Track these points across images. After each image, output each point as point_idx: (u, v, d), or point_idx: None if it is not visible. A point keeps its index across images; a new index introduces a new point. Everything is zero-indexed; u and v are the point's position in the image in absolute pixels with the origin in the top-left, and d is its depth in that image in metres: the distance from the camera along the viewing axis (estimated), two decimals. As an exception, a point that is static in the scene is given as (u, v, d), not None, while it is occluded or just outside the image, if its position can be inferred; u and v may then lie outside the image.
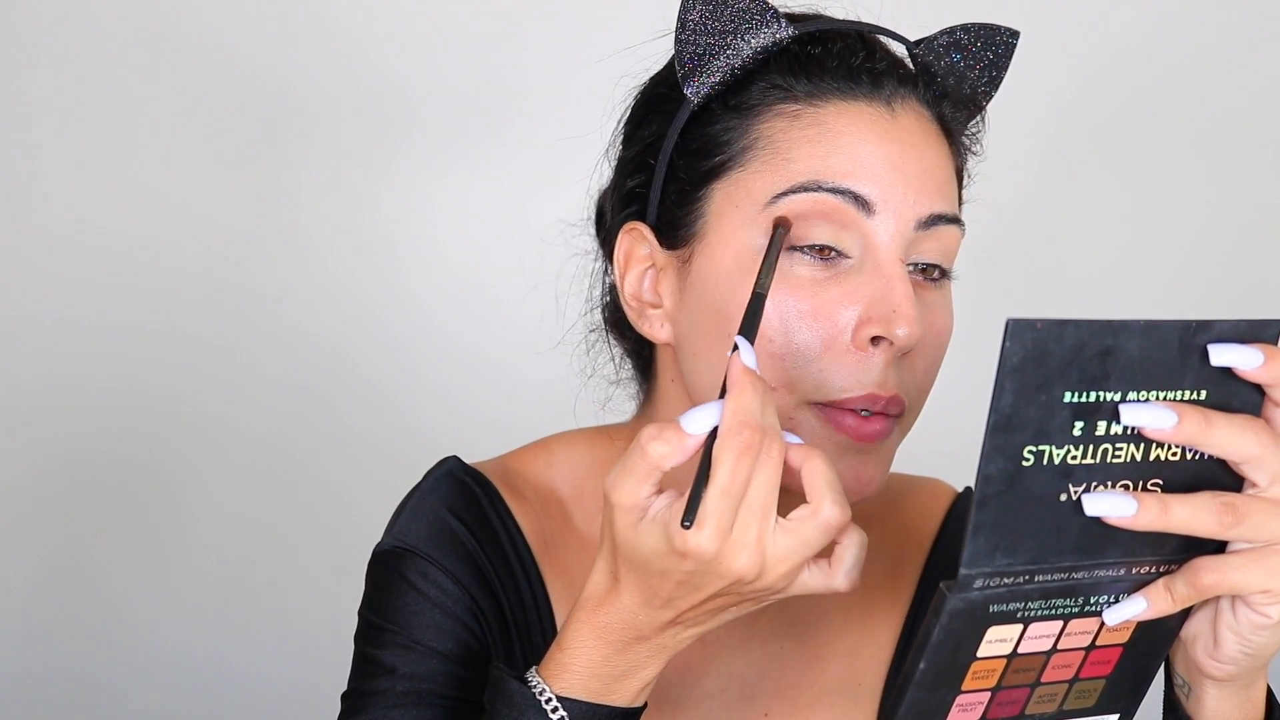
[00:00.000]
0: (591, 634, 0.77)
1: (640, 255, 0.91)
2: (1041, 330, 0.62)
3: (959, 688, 0.71)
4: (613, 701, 0.78)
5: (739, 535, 0.70)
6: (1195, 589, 0.69)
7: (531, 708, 0.77)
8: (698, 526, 0.69)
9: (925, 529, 1.03)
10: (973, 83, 0.90)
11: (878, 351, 0.82)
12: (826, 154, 0.83)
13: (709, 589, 0.72)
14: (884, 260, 0.83)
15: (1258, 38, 2.09)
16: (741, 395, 0.70)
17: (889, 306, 0.82)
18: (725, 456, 0.69)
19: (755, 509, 0.70)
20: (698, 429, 0.71)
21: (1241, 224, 2.11)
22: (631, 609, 0.75)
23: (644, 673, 0.78)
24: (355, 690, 0.93)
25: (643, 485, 0.71)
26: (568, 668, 0.77)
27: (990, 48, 0.90)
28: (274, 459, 2.04)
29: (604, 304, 0.99)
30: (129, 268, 2.00)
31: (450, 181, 2.03)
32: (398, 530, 0.96)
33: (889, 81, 0.86)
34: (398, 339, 2.04)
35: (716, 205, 0.86)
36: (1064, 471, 0.65)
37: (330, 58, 2.00)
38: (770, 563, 0.71)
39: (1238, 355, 0.66)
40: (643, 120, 0.92)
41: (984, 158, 0.94)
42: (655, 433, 0.71)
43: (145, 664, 2.03)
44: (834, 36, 0.87)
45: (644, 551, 0.72)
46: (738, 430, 0.70)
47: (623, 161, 0.94)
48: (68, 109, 1.99)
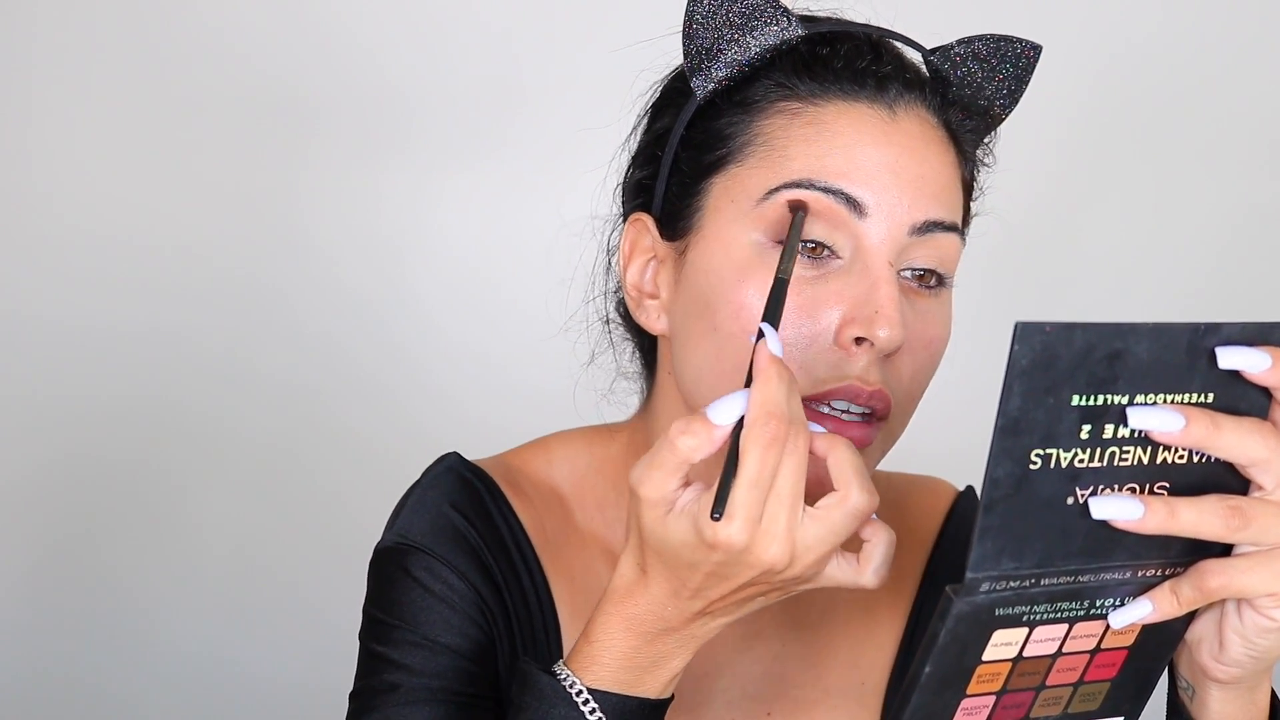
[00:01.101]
0: (620, 626, 0.77)
1: (644, 246, 0.91)
2: (1050, 333, 0.62)
3: (964, 691, 0.71)
4: (642, 693, 0.78)
5: (768, 525, 0.70)
6: (1201, 592, 0.69)
7: (562, 700, 0.77)
8: (727, 518, 0.70)
9: (927, 528, 1.03)
10: (990, 95, 0.89)
11: (860, 351, 0.82)
12: (822, 153, 0.83)
13: (739, 579, 0.73)
14: (872, 262, 0.83)
15: (1265, 45, 2.09)
16: (768, 385, 0.70)
17: (871, 307, 0.82)
18: (753, 447, 0.69)
19: (784, 498, 0.70)
20: (725, 419, 0.71)
21: (1250, 232, 2.12)
22: (660, 600, 0.75)
23: (673, 663, 0.78)
24: (364, 688, 0.92)
25: (671, 479, 0.72)
26: (597, 660, 0.77)
27: (1009, 61, 0.88)
28: (275, 459, 2.04)
29: (617, 295, 0.99)
30: (130, 269, 2.00)
31: (451, 181, 2.03)
32: (400, 526, 0.96)
33: (894, 85, 0.85)
34: (399, 339, 2.04)
35: (714, 200, 0.86)
36: (1071, 475, 0.65)
37: (330, 56, 1.99)
38: (800, 551, 0.72)
39: (1246, 358, 0.66)
40: (658, 114, 0.93)
41: (994, 168, 0.93)
42: (683, 426, 0.71)
43: (147, 665, 2.03)
44: (843, 38, 0.87)
45: (673, 544, 0.72)
46: (765, 420, 0.70)
47: (635, 154, 0.95)
48: (67, 111, 1.98)
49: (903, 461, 0.98)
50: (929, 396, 0.89)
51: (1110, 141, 2.09)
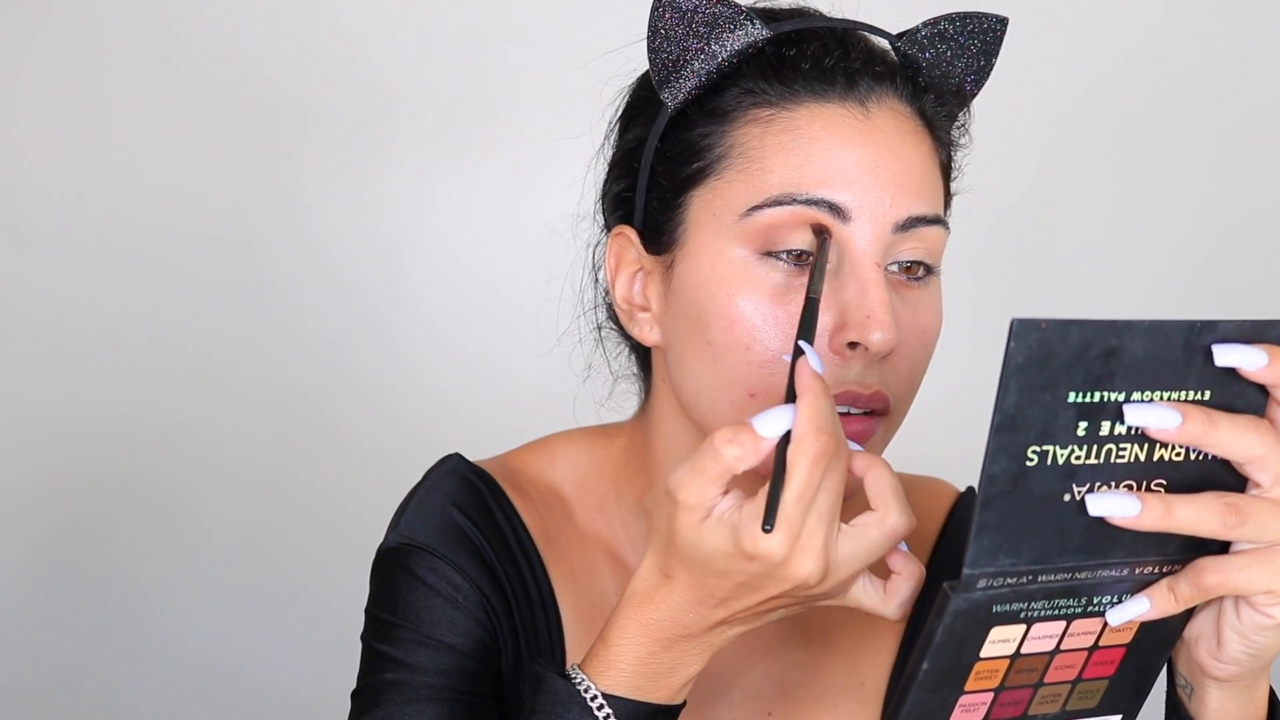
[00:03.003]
0: (638, 631, 0.76)
1: (629, 259, 0.91)
2: (1046, 330, 0.62)
3: (962, 688, 0.71)
4: (656, 699, 0.78)
5: (806, 540, 0.70)
6: (1199, 589, 0.69)
7: (576, 704, 0.77)
8: (774, 530, 0.69)
9: (928, 529, 1.03)
10: (959, 74, 0.88)
11: (855, 355, 0.82)
12: (800, 162, 0.83)
13: (770, 591, 0.72)
14: (860, 266, 0.82)
15: (1264, 45, 2.10)
16: (817, 400, 0.70)
17: (863, 312, 0.81)
18: (801, 461, 0.69)
19: (824, 514, 0.70)
20: (772, 432, 0.70)
21: (1245, 232, 2.12)
22: (682, 607, 0.75)
23: (688, 670, 0.78)
24: (367, 687, 0.92)
25: (713, 486, 0.71)
26: (613, 664, 0.77)
27: (976, 36, 0.88)
28: (276, 462, 2.04)
29: (606, 301, 0.99)
30: (130, 269, 2.00)
31: (450, 181, 2.03)
32: (403, 527, 0.96)
33: (864, 80, 0.85)
34: (400, 342, 2.04)
35: (695, 213, 0.86)
36: (1068, 471, 0.65)
37: (323, 57, 2.00)
38: (833, 568, 0.71)
39: (1242, 356, 0.66)
40: (629, 123, 0.92)
41: (973, 154, 0.93)
42: (730, 435, 0.70)
43: (148, 667, 2.03)
44: (809, 36, 0.86)
45: (706, 551, 0.72)
46: (814, 436, 0.69)
47: (611, 165, 0.94)
48: (64, 112, 1.99)
49: (903, 462, 0.98)
50: (929, 397, 0.89)
51: (1106, 140, 2.09)
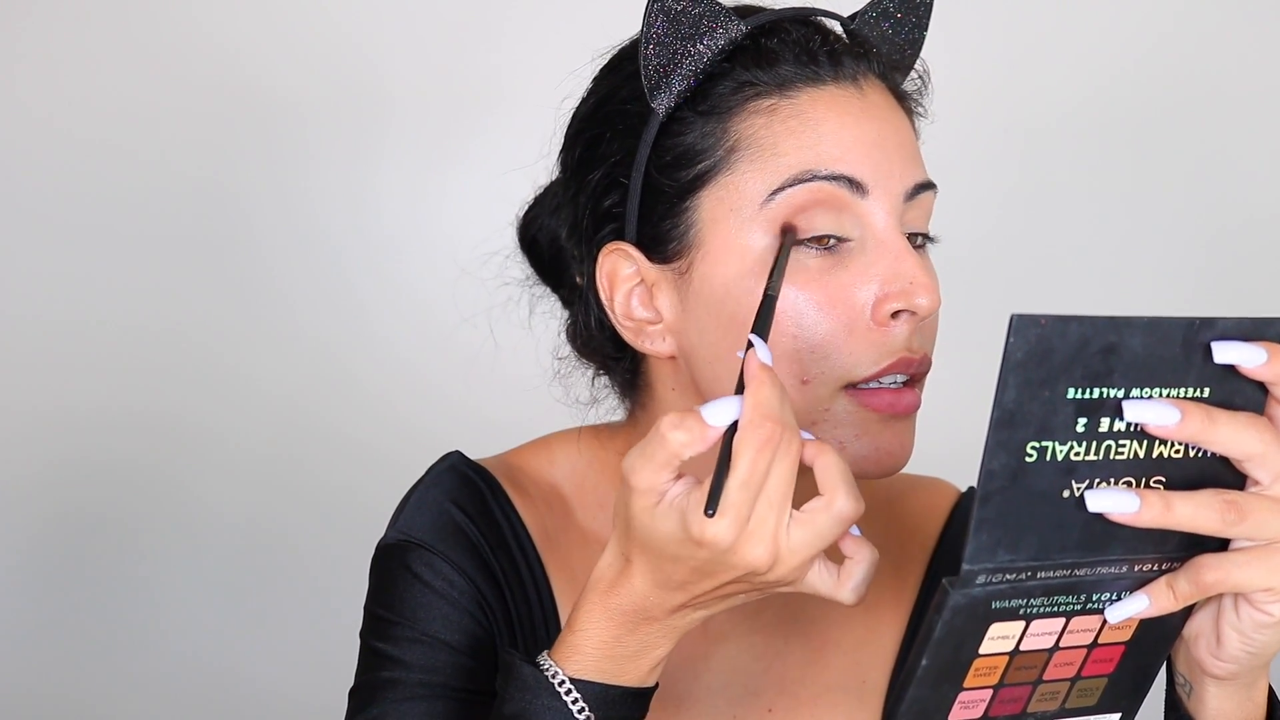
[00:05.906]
0: (602, 616, 0.77)
1: (625, 274, 0.89)
2: (1045, 326, 0.62)
3: (961, 685, 0.71)
4: (625, 682, 0.78)
5: (755, 527, 0.71)
6: (1198, 587, 0.69)
7: (545, 690, 0.78)
8: (718, 516, 0.70)
9: (929, 528, 1.03)
10: (900, 48, 0.92)
11: (898, 323, 0.84)
12: (813, 143, 0.84)
13: (722, 577, 0.73)
14: (887, 236, 0.84)
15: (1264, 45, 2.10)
16: (761, 389, 0.71)
17: (905, 280, 0.83)
18: (746, 449, 0.70)
19: (773, 501, 0.71)
20: (719, 421, 0.71)
21: (1244, 231, 2.11)
22: (643, 591, 0.75)
23: (655, 652, 0.78)
24: (364, 684, 0.93)
25: (662, 471, 0.72)
26: (579, 649, 0.78)
27: (913, 11, 0.92)
28: (275, 459, 2.04)
29: (568, 329, 0.99)
30: (131, 271, 2.00)
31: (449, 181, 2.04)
32: (402, 524, 0.96)
33: (847, 61, 0.87)
34: (399, 339, 2.04)
35: (709, 212, 0.86)
36: (1067, 468, 0.65)
37: (320, 57, 2.00)
38: (784, 555, 0.72)
39: (1241, 353, 0.66)
40: (598, 139, 0.90)
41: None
42: (677, 421, 0.71)
43: (148, 668, 2.03)
44: (781, 25, 0.88)
45: (659, 536, 0.72)
46: (759, 423, 0.70)
47: (588, 184, 0.91)
48: (59, 111, 1.99)
49: (902, 461, 0.98)
50: (929, 397, 0.90)
51: (1106, 138, 2.09)
